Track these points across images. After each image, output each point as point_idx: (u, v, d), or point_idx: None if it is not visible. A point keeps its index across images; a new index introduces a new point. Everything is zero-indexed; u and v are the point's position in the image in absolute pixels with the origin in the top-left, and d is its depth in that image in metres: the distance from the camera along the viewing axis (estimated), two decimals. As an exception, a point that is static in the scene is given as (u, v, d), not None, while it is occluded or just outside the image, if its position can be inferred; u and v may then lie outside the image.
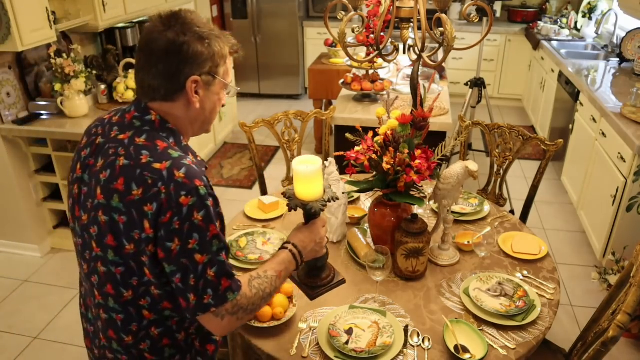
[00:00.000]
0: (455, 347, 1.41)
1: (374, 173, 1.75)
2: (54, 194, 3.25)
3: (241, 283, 1.13)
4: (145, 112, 1.12)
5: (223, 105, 1.23)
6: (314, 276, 1.57)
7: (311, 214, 1.36)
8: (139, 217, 1.03)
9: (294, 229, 1.37)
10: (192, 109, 1.13)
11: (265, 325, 1.50)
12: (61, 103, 2.98)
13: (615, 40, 4.38)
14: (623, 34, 4.05)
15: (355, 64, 3.08)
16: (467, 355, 1.39)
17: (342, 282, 1.63)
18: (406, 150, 1.63)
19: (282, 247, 1.30)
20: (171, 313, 1.16)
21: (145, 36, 1.09)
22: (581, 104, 3.55)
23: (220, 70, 1.14)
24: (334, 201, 1.41)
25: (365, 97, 3.27)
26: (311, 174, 1.32)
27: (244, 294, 1.13)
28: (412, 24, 1.66)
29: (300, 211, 1.37)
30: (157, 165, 1.04)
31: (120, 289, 1.11)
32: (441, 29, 1.53)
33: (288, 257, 1.28)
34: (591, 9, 4.96)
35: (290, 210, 1.38)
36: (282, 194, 1.48)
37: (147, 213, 1.02)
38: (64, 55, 2.96)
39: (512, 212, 3.39)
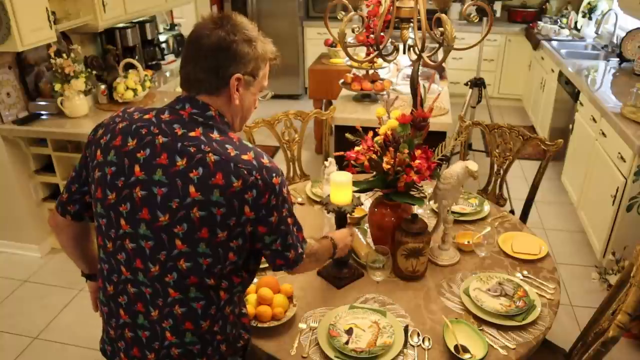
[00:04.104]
0: (455, 347, 1.41)
1: (374, 173, 1.75)
2: (54, 194, 3.25)
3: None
4: (205, 108, 1.17)
5: (255, 107, 1.30)
6: (340, 270, 1.74)
7: (343, 215, 1.66)
8: (240, 205, 1.12)
9: (331, 231, 1.62)
10: (233, 104, 1.20)
11: (265, 325, 1.50)
12: (61, 103, 2.98)
13: (615, 40, 4.38)
14: (623, 34, 4.05)
15: (355, 64, 3.08)
16: (467, 355, 1.39)
17: (362, 275, 1.75)
18: (406, 150, 1.63)
19: (324, 237, 1.52)
20: (242, 288, 1.29)
21: (196, 32, 1.15)
22: (581, 104, 3.55)
23: (261, 72, 1.22)
24: (360, 206, 1.73)
25: (365, 97, 3.27)
26: (344, 184, 1.63)
27: (315, 244, 1.41)
28: (412, 24, 1.66)
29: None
30: (245, 157, 1.13)
31: (205, 279, 1.17)
32: (441, 29, 1.53)
33: (330, 245, 1.50)
34: (591, 9, 4.96)
35: (328, 213, 1.70)
36: (320, 201, 2.06)
37: (248, 200, 1.12)
38: (64, 55, 2.95)
39: (512, 212, 3.39)
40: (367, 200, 2.05)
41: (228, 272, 1.20)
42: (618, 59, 4.03)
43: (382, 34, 2.04)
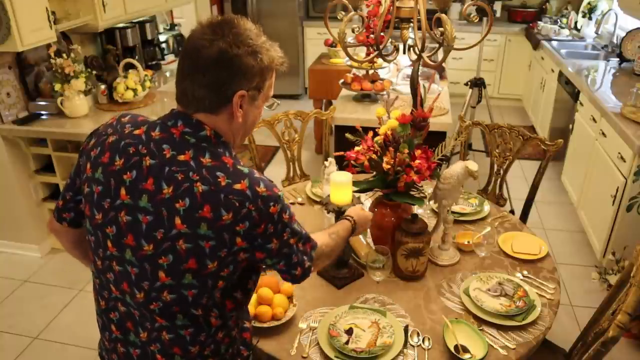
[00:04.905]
0: (455, 347, 1.41)
1: (374, 173, 1.75)
2: (54, 194, 3.25)
3: (315, 239, 1.27)
4: (198, 128, 1.07)
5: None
6: (340, 270, 1.73)
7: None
8: (231, 238, 1.04)
9: (353, 208, 1.56)
10: (234, 122, 1.10)
11: (265, 325, 1.50)
12: (61, 103, 2.98)
13: (615, 40, 4.38)
14: (623, 34, 4.05)
15: (355, 64, 3.08)
16: (467, 355, 1.39)
17: (362, 275, 1.75)
18: (406, 150, 1.63)
19: (345, 219, 1.49)
20: (237, 313, 1.21)
21: (193, 42, 1.04)
22: (581, 104, 3.55)
23: (266, 84, 1.12)
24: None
25: (365, 97, 3.27)
26: (344, 184, 1.62)
27: (327, 244, 1.32)
28: (412, 24, 1.66)
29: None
30: (237, 187, 1.03)
31: (191, 310, 1.11)
32: (441, 29, 1.53)
33: (349, 226, 1.46)
34: (591, 9, 4.96)
35: (328, 213, 1.69)
36: (320, 201, 2.10)
37: (239, 231, 1.04)
38: (64, 55, 2.95)
39: (512, 212, 3.39)
40: (367, 200, 2.05)
41: (218, 300, 1.13)
42: (618, 59, 4.03)
43: (382, 34, 2.04)
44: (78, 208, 1.25)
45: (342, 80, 3.32)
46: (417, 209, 2.01)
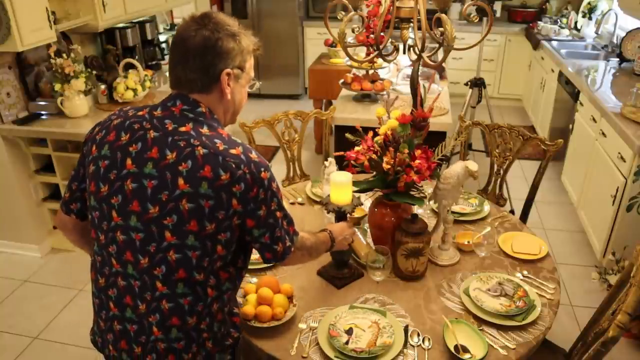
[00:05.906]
0: (455, 347, 1.41)
1: (374, 173, 1.75)
2: (54, 194, 3.25)
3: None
4: (195, 105, 1.21)
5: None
6: (340, 270, 1.74)
7: (343, 215, 1.66)
8: (228, 198, 1.15)
9: (330, 224, 1.65)
10: (225, 99, 1.24)
11: (265, 325, 1.50)
12: (61, 103, 2.98)
13: (615, 40, 4.38)
14: (623, 34, 4.05)
15: (355, 64, 3.08)
16: (467, 355, 1.39)
17: (362, 275, 1.75)
18: (406, 150, 1.63)
19: (322, 231, 1.56)
20: (230, 285, 1.29)
21: (180, 34, 1.19)
22: (581, 104, 3.55)
23: (247, 65, 1.26)
24: (360, 206, 1.74)
25: (365, 97, 3.27)
26: (344, 184, 1.63)
27: (308, 238, 1.43)
28: (412, 24, 1.66)
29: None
30: (233, 151, 1.17)
31: (194, 273, 1.19)
32: (441, 29, 1.53)
33: (327, 238, 1.55)
34: (591, 9, 4.96)
35: (328, 213, 1.71)
36: (320, 201, 2.10)
37: (236, 192, 1.15)
38: (64, 55, 2.95)
39: (512, 212, 3.39)
40: (367, 200, 2.05)
41: (217, 267, 1.22)
42: (618, 59, 4.03)
43: (382, 34, 2.04)
44: (84, 197, 1.32)
45: (342, 80, 3.32)
46: (417, 209, 2.00)
